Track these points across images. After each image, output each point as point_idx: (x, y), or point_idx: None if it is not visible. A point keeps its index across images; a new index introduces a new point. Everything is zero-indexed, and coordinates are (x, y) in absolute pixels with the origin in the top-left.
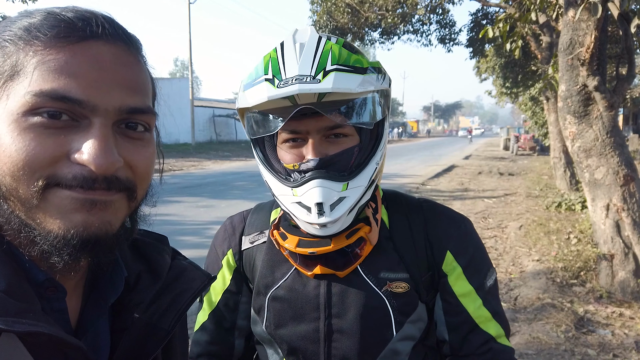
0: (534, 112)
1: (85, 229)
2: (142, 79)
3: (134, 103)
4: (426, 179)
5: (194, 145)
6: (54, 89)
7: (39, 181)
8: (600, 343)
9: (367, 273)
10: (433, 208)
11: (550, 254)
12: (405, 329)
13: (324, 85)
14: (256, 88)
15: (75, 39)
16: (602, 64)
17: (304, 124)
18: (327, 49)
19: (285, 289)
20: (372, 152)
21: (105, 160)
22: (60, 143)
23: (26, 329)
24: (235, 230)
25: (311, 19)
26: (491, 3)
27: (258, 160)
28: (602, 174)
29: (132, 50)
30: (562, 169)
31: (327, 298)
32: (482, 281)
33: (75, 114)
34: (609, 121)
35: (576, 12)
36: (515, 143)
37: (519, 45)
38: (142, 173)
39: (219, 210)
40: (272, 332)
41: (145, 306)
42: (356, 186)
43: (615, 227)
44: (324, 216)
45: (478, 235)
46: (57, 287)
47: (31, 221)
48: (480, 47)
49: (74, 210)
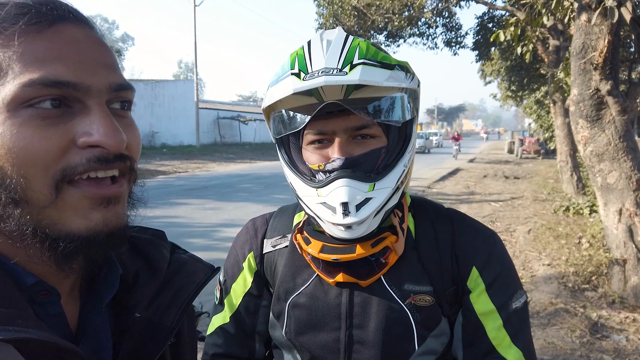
0: (539, 115)
1: (106, 225)
2: (113, 57)
3: (118, 80)
4: (432, 182)
5: (198, 147)
6: (44, 75)
7: (55, 176)
8: (616, 349)
9: (390, 284)
10: (462, 220)
11: (561, 258)
12: (427, 343)
13: (350, 77)
14: (282, 83)
15: (45, 24)
16: (614, 68)
17: (330, 124)
18: (354, 45)
19: (306, 296)
20: (400, 154)
21: (117, 138)
22: (63, 132)
23: (13, 335)
24: (257, 233)
25: (317, 22)
26: (498, 6)
27: (283, 162)
28: (615, 179)
29: (95, 30)
30: (569, 172)
31: (349, 307)
32: (506, 301)
33: (69, 99)
34: (621, 125)
35: (591, 16)
36: (519, 146)
37: (529, 49)
38: (135, 151)
39: (226, 213)
40: (291, 339)
41: (145, 304)
42: (383, 187)
43: (628, 232)
44: (350, 216)
45: (507, 254)
46: (49, 290)
47: (45, 224)
48: (485, 50)
49: (92, 208)
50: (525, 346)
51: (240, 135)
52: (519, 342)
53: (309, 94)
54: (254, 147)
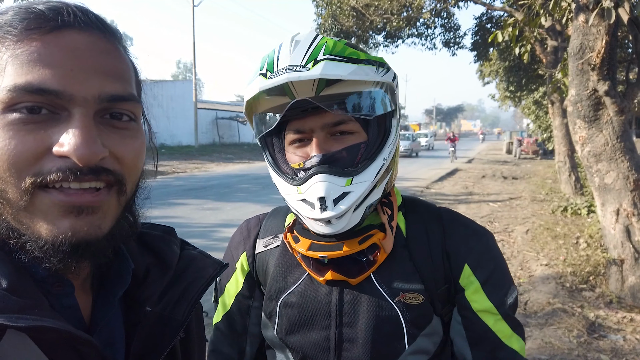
0: (537, 115)
1: (73, 235)
2: (121, 66)
3: (114, 90)
4: (430, 182)
5: (197, 148)
6: (28, 81)
7: (27, 180)
8: (613, 348)
9: (380, 282)
10: (453, 219)
11: (559, 258)
12: (418, 342)
13: (312, 72)
14: (251, 84)
15: (46, 29)
16: (612, 68)
17: (307, 122)
18: (321, 43)
19: (297, 294)
20: (380, 148)
21: (88, 151)
22: (41, 138)
23: (29, 324)
24: (250, 234)
25: (316, 22)
26: (496, 7)
27: (267, 163)
28: (612, 179)
29: (110, 38)
30: (567, 173)
31: (339, 306)
32: (502, 299)
33: (54, 106)
34: (619, 126)
35: (588, 17)
36: (518, 147)
37: (527, 49)
38: (130, 164)
39: (225, 213)
40: (282, 338)
41: (156, 299)
42: (361, 181)
43: (626, 232)
44: (327, 211)
45: (500, 251)
46: (62, 282)
47: (19, 226)
48: (484, 51)
49: (61, 216)
50: (521, 334)
51: (239, 136)
52: (518, 331)
53: (282, 93)
54: (252, 147)
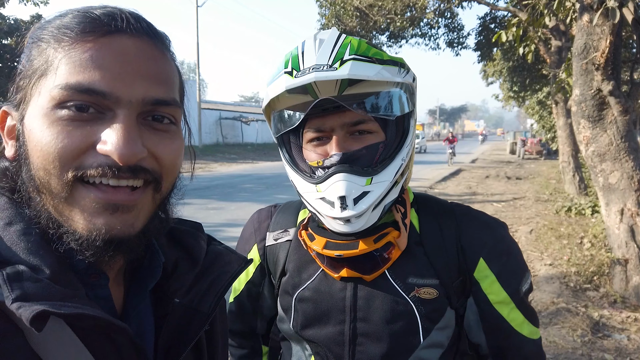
0: (541, 116)
1: (107, 232)
2: (167, 72)
3: (158, 95)
4: (434, 182)
5: (200, 148)
6: (79, 81)
7: (69, 173)
8: (617, 348)
9: (394, 278)
10: (466, 213)
11: (563, 258)
12: (432, 335)
13: (340, 72)
14: (276, 82)
15: (100, 33)
16: (616, 68)
17: (327, 121)
18: (346, 42)
19: (312, 290)
20: (398, 148)
21: (128, 150)
22: (87, 134)
23: (72, 311)
24: (260, 226)
25: (319, 22)
26: (500, 7)
27: (284, 160)
28: (617, 179)
29: (158, 44)
30: (571, 173)
31: (353, 301)
32: (517, 287)
33: (101, 106)
34: (623, 126)
35: (592, 17)
36: (521, 147)
37: (531, 49)
38: (168, 165)
39: (229, 213)
40: (298, 331)
41: (184, 291)
42: (380, 181)
43: (630, 232)
44: (347, 210)
45: (513, 240)
46: (98, 273)
47: (59, 217)
48: (487, 51)
49: (97, 212)
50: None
51: (243, 136)
52: (529, 317)
53: (304, 91)
54: (256, 147)
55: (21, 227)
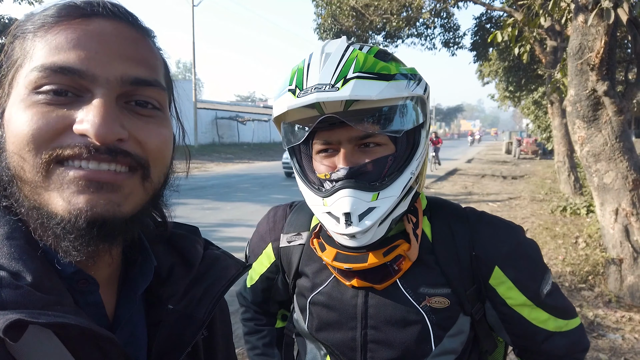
0: (536, 115)
1: (89, 210)
2: (147, 54)
3: (138, 74)
4: (429, 182)
5: (196, 147)
6: (54, 62)
7: (44, 154)
8: (611, 347)
9: (405, 287)
10: (479, 219)
11: (558, 258)
12: (444, 343)
13: (341, 93)
14: (280, 99)
15: (75, 16)
16: (611, 68)
17: (334, 134)
18: (352, 57)
19: (325, 295)
20: (408, 161)
21: (105, 128)
22: (64, 116)
23: (51, 320)
24: (275, 226)
25: (316, 22)
26: (495, 7)
27: (295, 171)
28: (611, 179)
29: (137, 29)
30: (566, 173)
31: (364, 309)
32: (536, 291)
33: (79, 88)
34: (618, 126)
35: (587, 17)
36: (517, 147)
37: (527, 49)
38: (154, 150)
39: (225, 213)
40: (313, 333)
41: (178, 297)
42: (388, 196)
43: (624, 232)
44: (352, 226)
45: (530, 243)
46: (87, 279)
47: (38, 203)
48: (483, 51)
49: (78, 191)
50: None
51: (239, 136)
52: (554, 313)
53: (310, 106)
54: (252, 147)
55: (4, 230)
